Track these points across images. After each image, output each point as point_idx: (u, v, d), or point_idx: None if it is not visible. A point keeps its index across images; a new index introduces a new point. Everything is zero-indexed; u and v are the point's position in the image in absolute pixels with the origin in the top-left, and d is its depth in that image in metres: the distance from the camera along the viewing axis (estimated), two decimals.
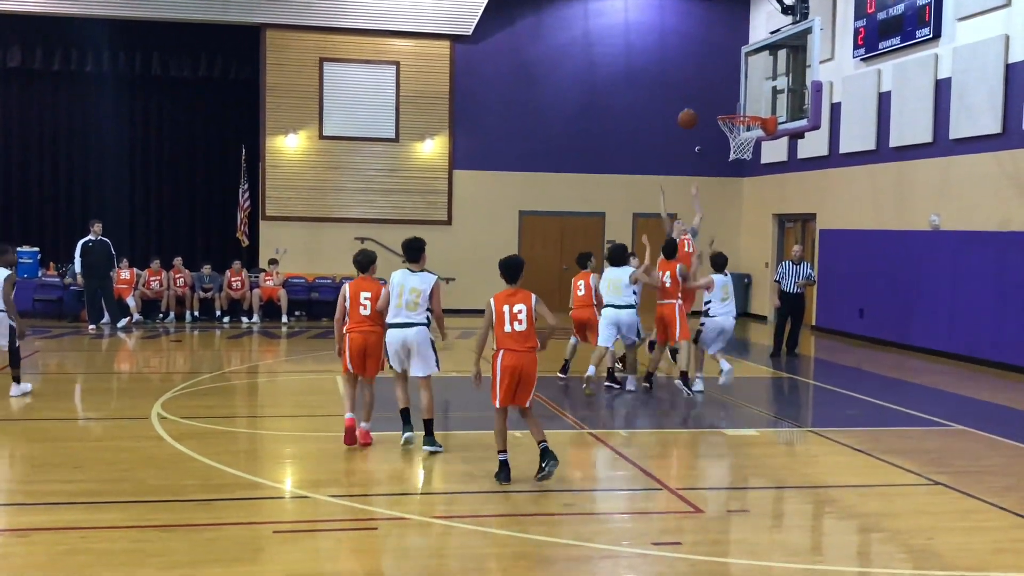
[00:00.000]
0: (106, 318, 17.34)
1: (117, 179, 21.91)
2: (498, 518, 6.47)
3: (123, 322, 17.55)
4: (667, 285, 11.57)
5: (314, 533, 6.13)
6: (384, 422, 9.78)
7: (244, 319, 18.82)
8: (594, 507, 7.03)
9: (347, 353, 8.55)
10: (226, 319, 18.81)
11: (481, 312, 7.63)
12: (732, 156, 15.42)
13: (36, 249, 19.44)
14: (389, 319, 8.39)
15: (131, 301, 18.19)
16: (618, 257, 11.81)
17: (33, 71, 20.88)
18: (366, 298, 8.51)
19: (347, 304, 8.59)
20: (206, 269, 19.22)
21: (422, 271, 8.46)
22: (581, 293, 12.23)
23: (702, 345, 11.72)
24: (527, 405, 7.42)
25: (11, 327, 10.48)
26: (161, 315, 18.66)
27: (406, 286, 8.33)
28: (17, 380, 10.71)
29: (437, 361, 8.42)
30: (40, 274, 19.24)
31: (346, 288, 8.67)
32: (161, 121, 22.09)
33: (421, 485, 7.64)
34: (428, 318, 8.40)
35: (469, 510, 6.73)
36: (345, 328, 8.61)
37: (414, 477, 7.86)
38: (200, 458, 7.83)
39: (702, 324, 11.66)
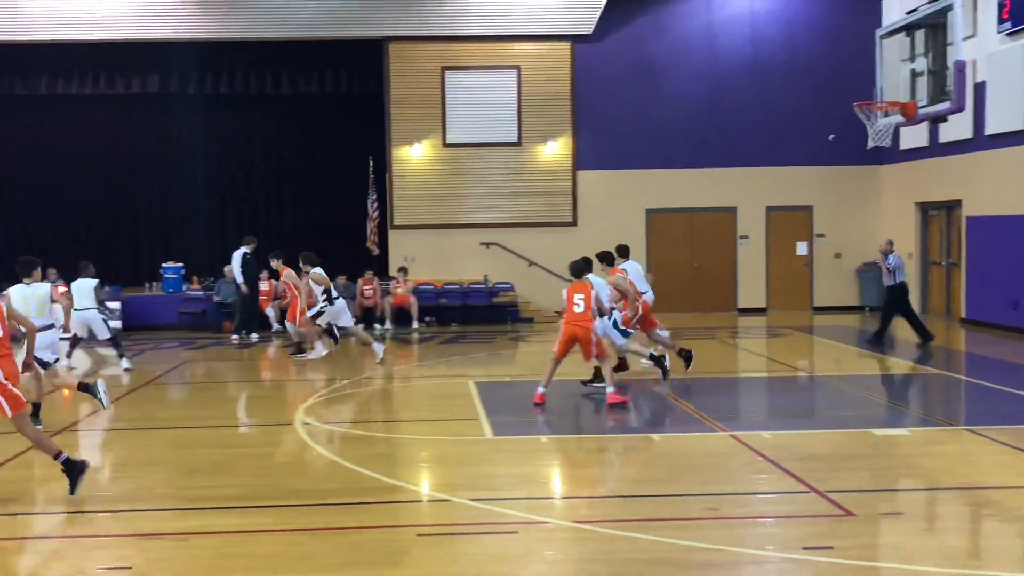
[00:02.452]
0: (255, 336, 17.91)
1: (253, 195, 22.67)
2: (640, 522, 6.35)
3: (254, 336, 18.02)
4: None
5: (456, 536, 6.15)
6: (522, 426, 9.80)
7: (377, 326, 19.18)
8: (739, 511, 6.83)
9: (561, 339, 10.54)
10: (360, 327, 19.18)
11: None
12: (871, 144, 14.86)
13: (180, 264, 20.28)
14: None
15: (270, 311, 18.76)
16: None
17: (172, 95, 21.79)
18: (579, 299, 10.38)
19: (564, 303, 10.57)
20: (341, 279, 19.66)
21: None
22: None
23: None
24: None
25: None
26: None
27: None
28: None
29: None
30: (184, 288, 20.06)
31: (564, 291, 10.77)
32: (291, 137, 22.68)
33: (559, 489, 7.59)
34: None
35: (609, 514, 6.63)
36: (562, 321, 10.61)
37: (551, 481, 7.82)
38: (343, 462, 7.98)
39: None
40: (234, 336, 17.65)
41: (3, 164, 21.95)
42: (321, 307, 14.42)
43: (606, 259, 12.04)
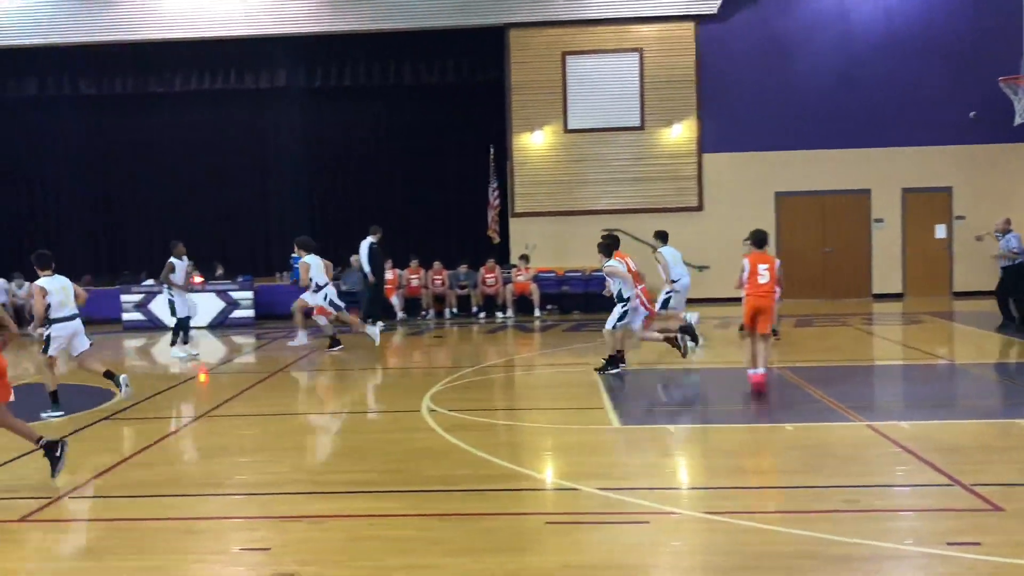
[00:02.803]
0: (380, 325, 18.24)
1: (376, 185, 23.07)
2: (775, 514, 6.17)
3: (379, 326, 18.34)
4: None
5: (586, 525, 6.09)
6: (650, 415, 9.71)
7: (499, 314, 19.30)
8: (878, 503, 6.55)
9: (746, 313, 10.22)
10: (482, 315, 19.36)
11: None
12: (1018, 120, 14.10)
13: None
14: None
15: (395, 300, 19.10)
16: None
17: (297, 89, 22.35)
18: (764, 269, 10.09)
19: (745, 275, 10.17)
20: (462, 267, 19.88)
21: None
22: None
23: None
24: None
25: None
26: (423, 313, 19.50)
27: None
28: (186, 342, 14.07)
29: None
30: None
31: (746, 261, 10.22)
32: (412, 128, 22.96)
33: (688, 479, 7.45)
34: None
35: (742, 506, 6.46)
36: (745, 292, 10.18)
37: (679, 471, 7.68)
38: (470, 449, 8.03)
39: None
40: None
41: (142, 161, 22.93)
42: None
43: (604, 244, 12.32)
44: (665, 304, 14.06)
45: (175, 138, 22.90)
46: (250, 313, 19.03)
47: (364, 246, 18.15)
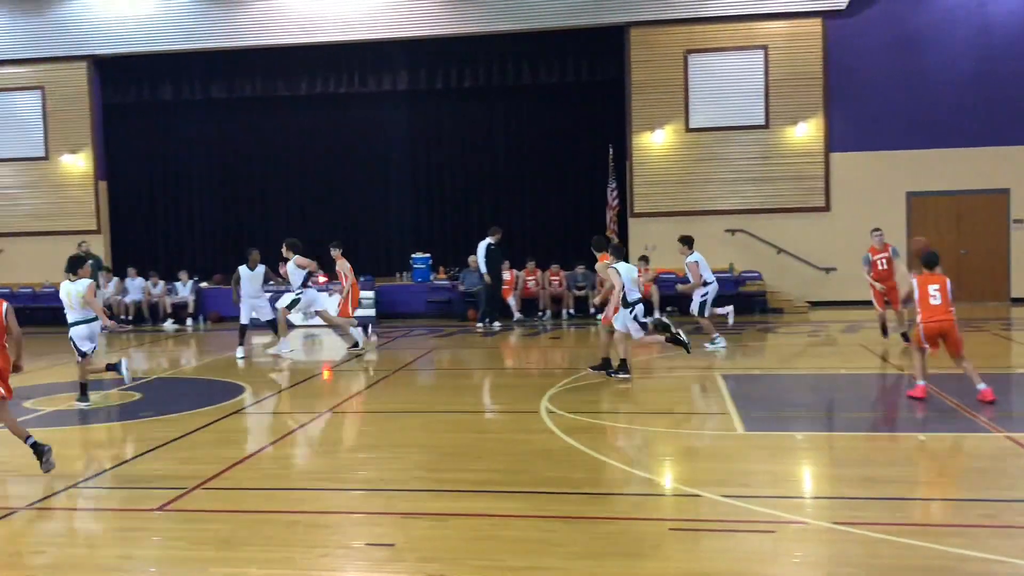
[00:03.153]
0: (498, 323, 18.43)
1: (496, 187, 23.21)
2: (907, 527, 5.92)
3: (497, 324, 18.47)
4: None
5: (709, 533, 5.98)
6: (776, 421, 9.50)
7: None
8: (1020, 519, 6.22)
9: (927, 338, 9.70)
10: (599, 315, 19.23)
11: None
12: None
13: (428, 255, 21.13)
14: None
15: (511, 301, 19.20)
16: None
17: (418, 91, 22.68)
18: (935, 290, 9.62)
19: (915, 296, 9.77)
20: (579, 269, 19.82)
21: None
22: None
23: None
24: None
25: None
26: (540, 313, 19.54)
27: None
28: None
29: None
30: (432, 278, 20.87)
31: (914, 282, 9.84)
32: (531, 128, 23.00)
33: (815, 488, 7.23)
34: None
35: (873, 517, 6.21)
36: (919, 319, 9.73)
37: (806, 479, 7.46)
38: (590, 452, 7.98)
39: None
40: (478, 324, 18.18)
41: (268, 163, 23.65)
42: (296, 296, 14.68)
43: (601, 247, 12.62)
44: (702, 308, 14.33)
45: (300, 140, 23.54)
46: (371, 312, 19.41)
47: (482, 247, 18.30)
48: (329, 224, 23.30)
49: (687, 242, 14.58)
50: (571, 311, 19.68)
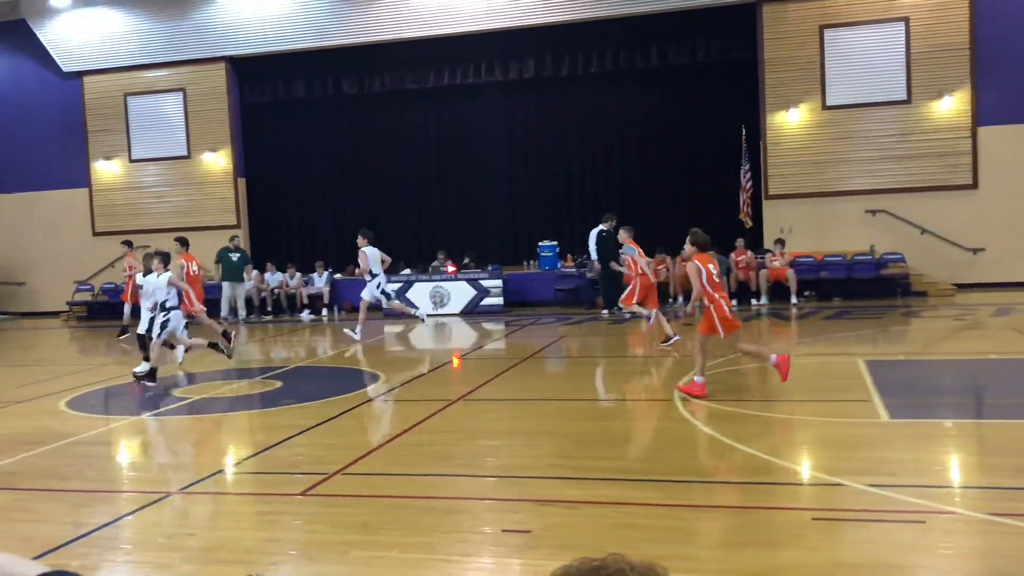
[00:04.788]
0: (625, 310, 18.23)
1: (622, 171, 23.00)
2: None
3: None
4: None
5: (854, 523, 5.74)
6: (923, 409, 9.12)
7: (753, 301, 18.71)
8: None
9: None
10: (734, 302, 18.80)
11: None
12: None
13: (555, 243, 21.09)
14: None
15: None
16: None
17: (545, 78, 22.63)
18: None
19: None
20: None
21: None
22: None
23: None
24: None
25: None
26: (671, 301, 19.24)
27: None
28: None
29: None
30: (559, 265, 20.83)
31: None
32: (659, 111, 22.67)
33: (967, 477, 6.87)
34: None
35: None
36: None
37: (956, 468, 7.09)
38: (727, 440, 7.79)
39: None
40: (605, 312, 18.07)
41: (397, 155, 24.04)
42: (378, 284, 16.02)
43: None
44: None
45: (428, 132, 23.89)
46: (499, 301, 19.55)
47: (593, 234, 18.24)
48: (456, 214, 23.60)
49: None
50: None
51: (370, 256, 15.85)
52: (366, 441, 8.32)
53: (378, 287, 15.92)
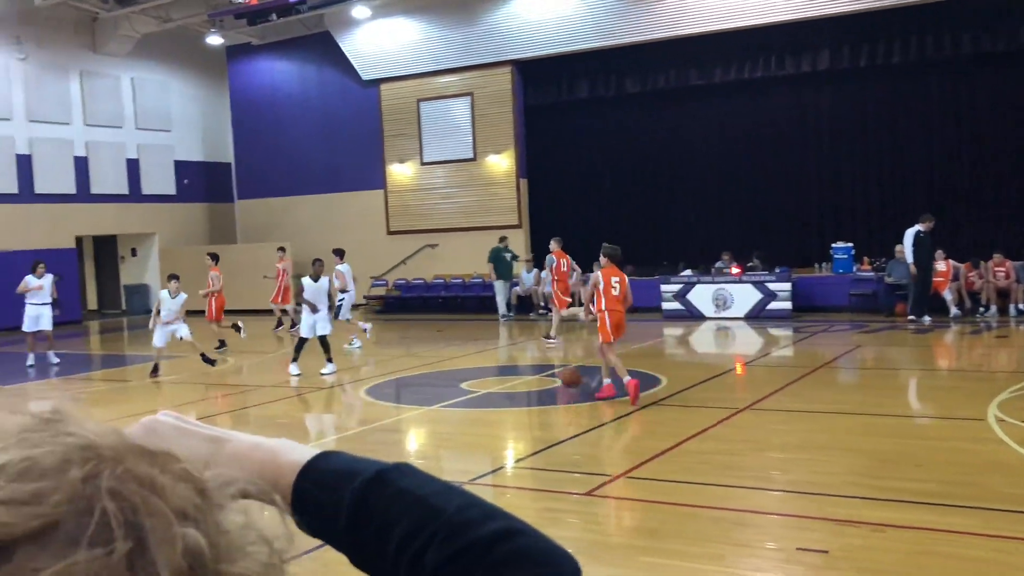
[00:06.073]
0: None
1: (928, 170, 21.29)
2: None
3: (927, 320, 16.87)
4: None
5: None
6: None
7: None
8: None
9: None
10: None
11: None
12: None
13: (850, 245, 19.90)
14: None
15: (947, 295, 17.48)
16: None
17: (839, 71, 21.33)
18: None
19: None
20: None
21: None
22: None
23: None
24: None
25: None
26: (982, 308, 17.61)
27: None
28: None
29: None
30: (855, 269, 19.63)
31: None
32: (971, 102, 20.61)
33: None
34: None
35: None
36: None
37: None
38: None
39: None
40: (909, 319, 16.82)
41: (680, 154, 23.61)
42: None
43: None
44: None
45: (712, 129, 23.29)
46: (787, 305, 18.71)
47: (909, 235, 16.91)
48: (741, 213, 22.89)
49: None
50: (1021, 306, 17.42)
51: (347, 274, 16.72)
52: (649, 445, 8.17)
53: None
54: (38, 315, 15.57)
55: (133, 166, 26.77)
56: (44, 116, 24.46)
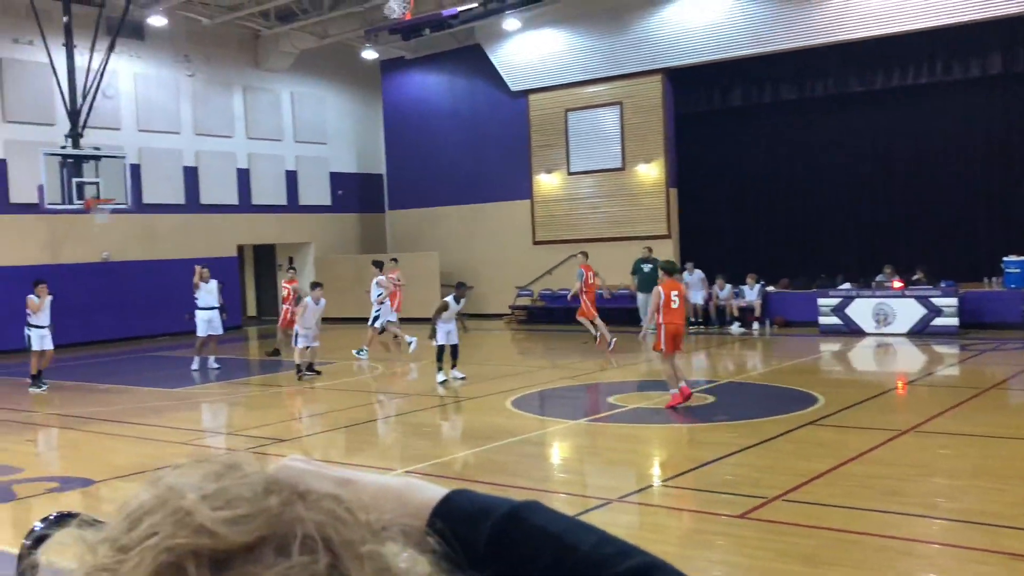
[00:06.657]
0: None
1: None
2: None
3: None
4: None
5: None
6: None
7: None
8: None
9: None
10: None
11: None
12: None
13: (1022, 258, 18.67)
14: None
15: None
16: None
17: (1014, 73, 20.17)
18: None
19: None
20: None
21: None
22: None
23: None
24: None
25: None
26: None
27: None
28: None
29: None
30: None
31: None
32: None
33: None
34: None
35: None
36: None
37: None
38: None
39: None
40: None
41: (840, 162, 22.75)
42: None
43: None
44: None
45: (872, 136, 22.39)
46: (953, 321, 17.69)
47: None
48: (905, 225, 21.88)
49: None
50: None
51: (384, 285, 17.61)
52: (807, 467, 7.81)
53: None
54: (210, 319, 16.38)
55: (291, 177, 27.78)
56: (209, 130, 25.67)
